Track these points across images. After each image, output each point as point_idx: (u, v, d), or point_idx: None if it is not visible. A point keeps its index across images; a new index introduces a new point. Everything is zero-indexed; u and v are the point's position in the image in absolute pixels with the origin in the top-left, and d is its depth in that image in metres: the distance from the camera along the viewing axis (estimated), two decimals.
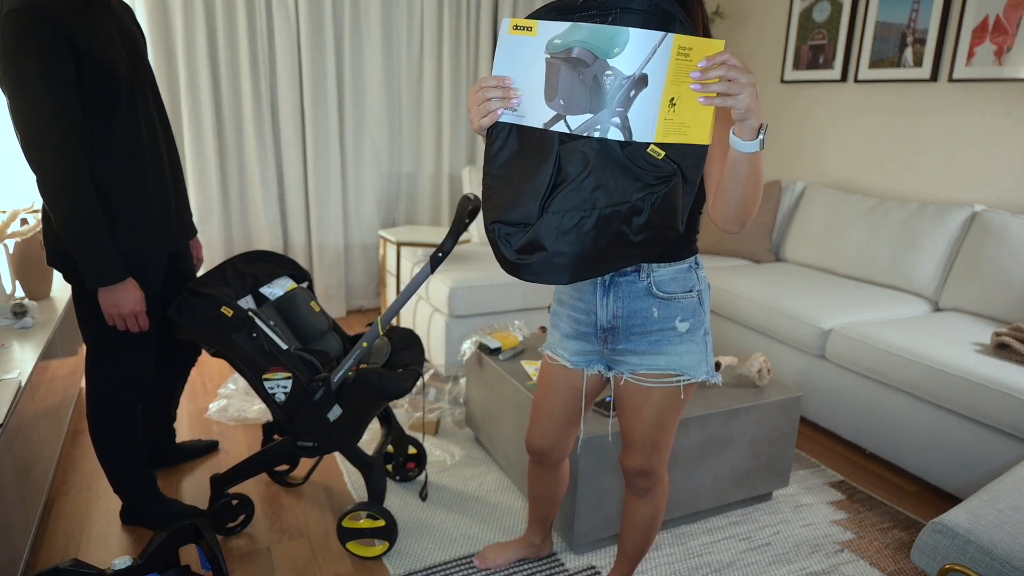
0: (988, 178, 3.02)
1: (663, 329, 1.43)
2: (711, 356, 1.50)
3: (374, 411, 1.98)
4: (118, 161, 1.73)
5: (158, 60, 3.41)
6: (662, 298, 1.42)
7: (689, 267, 1.44)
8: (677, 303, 1.43)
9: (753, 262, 3.69)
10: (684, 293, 1.43)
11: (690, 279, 1.44)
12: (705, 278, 1.49)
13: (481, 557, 1.97)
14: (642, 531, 1.68)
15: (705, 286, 1.48)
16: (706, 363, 1.48)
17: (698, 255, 1.47)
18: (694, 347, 1.45)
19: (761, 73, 4.12)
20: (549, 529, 1.98)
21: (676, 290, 1.43)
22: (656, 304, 1.43)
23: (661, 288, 1.42)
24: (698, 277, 1.45)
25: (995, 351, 2.38)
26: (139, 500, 2.04)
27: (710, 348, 1.49)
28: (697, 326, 1.45)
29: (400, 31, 3.90)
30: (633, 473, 1.60)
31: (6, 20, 1.52)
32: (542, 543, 1.99)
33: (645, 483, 1.60)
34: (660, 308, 1.43)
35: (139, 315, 1.79)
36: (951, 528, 1.44)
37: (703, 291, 1.46)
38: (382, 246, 3.77)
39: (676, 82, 1.11)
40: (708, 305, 1.49)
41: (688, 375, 1.45)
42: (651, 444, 1.54)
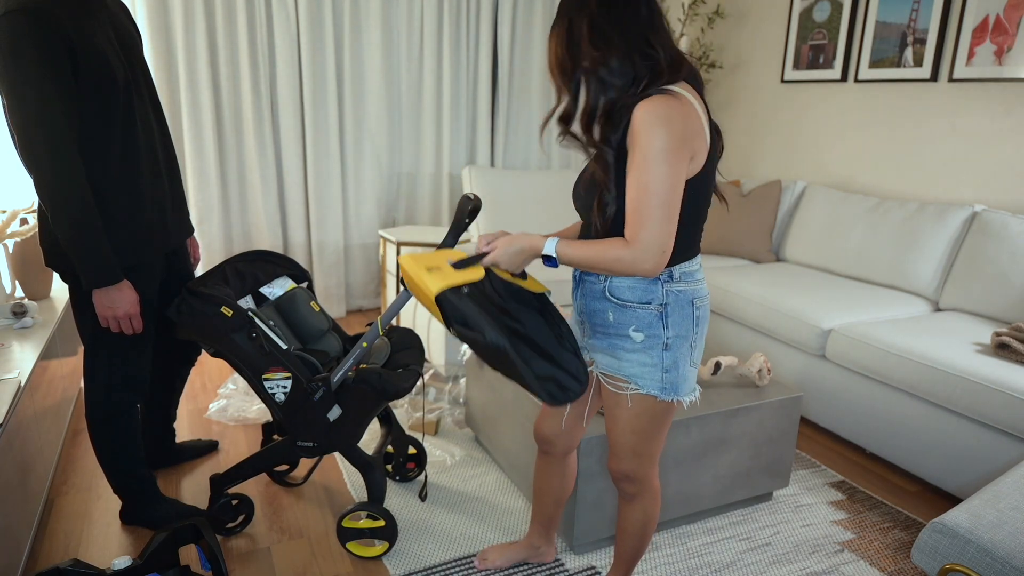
0: (988, 178, 3.02)
1: (619, 335, 1.44)
2: (679, 373, 1.44)
3: (374, 411, 1.97)
4: (114, 161, 1.72)
5: (158, 60, 3.41)
6: (617, 303, 1.43)
7: (655, 280, 1.40)
8: (632, 312, 1.41)
9: (753, 262, 3.69)
10: (641, 304, 1.41)
11: (651, 291, 1.40)
12: (686, 292, 1.42)
13: (481, 558, 1.96)
14: (633, 536, 1.67)
15: (679, 301, 1.40)
16: (662, 379, 1.43)
17: (675, 269, 1.41)
18: (647, 359, 1.42)
19: (761, 73, 4.12)
20: (552, 533, 1.96)
21: (632, 299, 1.41)
22: (611, 308, 1.44)
23: (615, 294, 1.43)
24: (666, 291, 1.40)
25: (995, 351, 2.38)
26: (139, 500, 2.04)
27: (679, 365, 1.43)
28: (654, 339, 1.41)
29: (400, 31, 3.90)
30: (616, 477, 1.60)
31: (4, 20, 1.52)
32: (545, 547, 1.97)
33: (629, 488, 1.60)
34: (615, 313, 1.43)
35: (133, 317, 1.78)
36: (951, 528, 1.44)
37: (671, 305, 1.40)
38: (382, 246, 3.77)
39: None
40: (685, 320, 1.42)
41: (636, 385, 1.44)
42: (631, 449, 1.53)
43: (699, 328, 1.46)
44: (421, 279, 1.47)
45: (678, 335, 1.42)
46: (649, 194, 1.25)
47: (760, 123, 4.16)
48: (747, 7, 4.17)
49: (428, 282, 1.45)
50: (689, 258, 1.43)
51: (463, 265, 1.48)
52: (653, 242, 1.27)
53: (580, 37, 1.30)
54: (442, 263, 1.51)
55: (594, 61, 1.30)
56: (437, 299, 1.44)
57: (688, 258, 1.43)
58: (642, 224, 1.27)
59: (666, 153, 1.24)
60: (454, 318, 1.44)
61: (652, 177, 1.25)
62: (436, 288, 1.43)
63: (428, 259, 1.53)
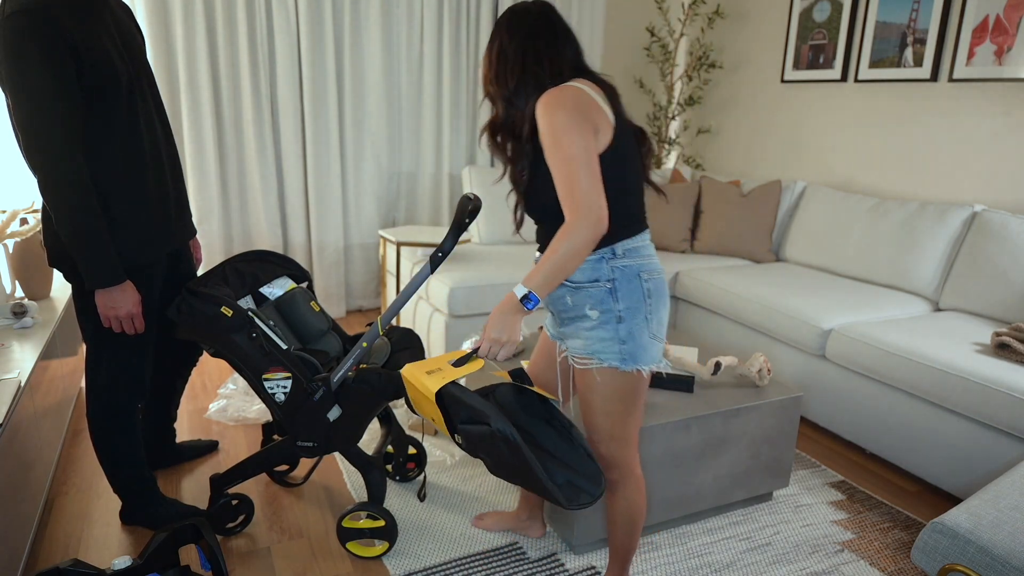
0: (988, 178, 3.02)
1: (578, 316, 1.54)
2: (636, 344, 1.51)
3: (374, 411, 1.97)
4: (117, 162, 1.72)
5: (158, 60, 3.41)
6: (571, 287, 1.53)
7: (600, 258, 1.50)
8: (586, 292, 1.51)
9: (753, 262, 3.69)
10: (591, 283, 1.50)
11: (599, 270, 1.50)
12: (632, 266, 1.51)
13: (478, 517, 2.14)
14: (621, 527, 1.70)
15: (625, 275, 1.50)
16: (619, 351, 1.50)
17: (618, 246, 1.50)
18: (604, 334, 1.51)
19: (761, 73, 4.12)
20: (538, 510, 2.05)
21: (582, 280, 1.51)
22: (568, 292, 1.53)
23: (569, 278, 1.51)
24: (611, 268, 1.50)
25: (995, 351, 2.38)
26: (139, 500, 2.04)
27: (635, 336, 1.50)
28: (608, 314, 1.50)
29: (400, 31, 3.90)
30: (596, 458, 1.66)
31: (8, 22, 1.52)
32: (529, 521, 2.06)
33: (610, 475, 1.65)
34: (572, 296, 1.53)
35: (135, 317, 1.79)
36: (951, 528, 1.44)
37: (619, 280, 1.50)
38: (382, 246, 3.76)
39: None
40: (635, 293, 1.50)
41: (598, 359, 1.52)
42: (607, 434, 1.59)
43: (652, 300, 1.53)
44: (421, 383, 1.46)
45: (629, 307, 1.50)
46: (568, 163, 1.37)
47: (760, 123, 4.16)
48: (747, 7, 4.17)
49: (428, 383, 1.44)
50: (631, 235, 1.52)
51: (462, 362, 1.50)
52: (586, 201, 1.36)
53: (493, 60, 1.51)
54: (442, 364, 1.51)
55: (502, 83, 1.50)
56: (438, 394, 1.43)
57: (630, 235, 1.52)
58: (571, 190, 1.37)
59: (569, 125, 1.37)
60: (458, 413, 1.43)
61: (565, 148, 1.37)
62: (435, 386, 1.43)
63: (428, 364, 1.52)
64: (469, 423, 1.42)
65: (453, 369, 1.48)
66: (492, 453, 1.42)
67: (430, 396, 1.44)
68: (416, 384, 1.47)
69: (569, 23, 4.31)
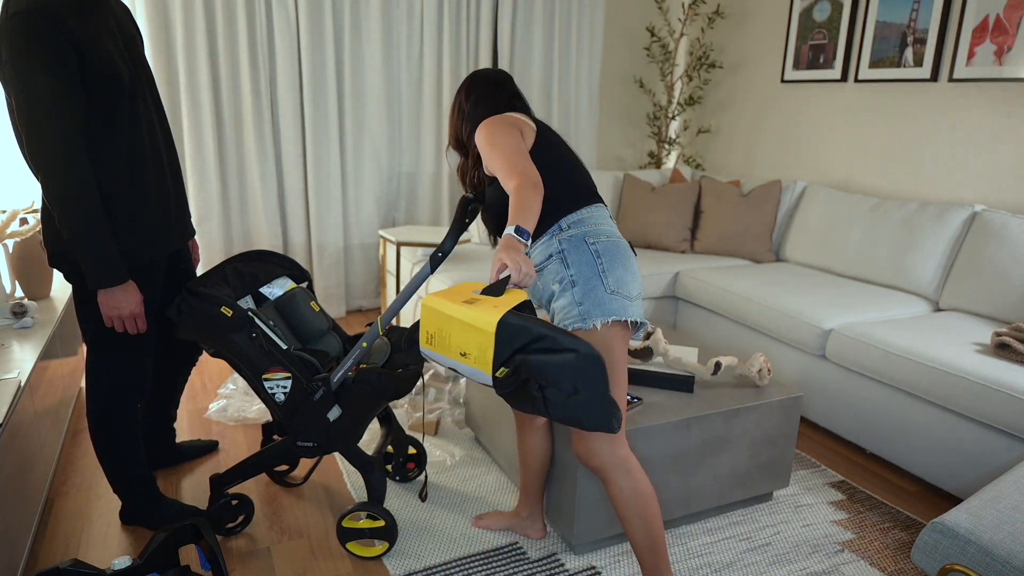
0: (988, 178, 3.02)
1: (548, 294, 1.69)
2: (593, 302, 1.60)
3: (374, 411, 1.97)
4: (119, 162, 1.73)
5: (158, 60, 3.41)
6: (537, 270, 1.69)
7: (550, 236, 1.66)
8: (546, 270, 1.68)
9: (753, 262, 3.69)
10: (547, 260, 1.67)
11: (550, 246, 1.66)
12: (577, 235, 1.64)
13: (478, 517, 2.14)
14: (629, 520, 1.64)
15: (572, 243, 1.63)
16: (577, 312, 1.61)
17: (563, 221, 1.66)
18: (565, 301, 1.64)
19: (761, 73, 4.12)
20: (537, 507, 2.06)
21: (541, 259, 1.68)
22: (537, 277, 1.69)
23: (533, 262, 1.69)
24: (559, 241, 1.65)
25: (995, 351, 2.38)
26: (139, 500, 2.04)
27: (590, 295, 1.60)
28: (565, 283, 1.63)
29: (400, 31, 3.90)
30: (580, 455, 1.68)
31: (11, 22, 1.52)
32: (529, 520, 2.07)
33: (594, 461, 1.65)
34: (540, 278, 1.70)
35: (138, 317, 1.79)
36: (951, 528, 1.44)
37: (567, 249, 1.63)
38: (382, 246, 3.76)
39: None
40: (584, 256, 1.62)
41: (564, 325, 1.64)
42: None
43: (604, 260, 1.63)
44: (468, 314, 1.32)
45: (580, 271, 1.62)
46: (502, 154, 1.60)
47: (760, 123, 4.16)
48: (747, 7, 4.17)
49: (478, 314, 1.31)
50: (575, 209, 1.68)
51: (497, 291, 1.39)
52: (521, 169, 1.57)
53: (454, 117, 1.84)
54: (470, 294, 1.40)
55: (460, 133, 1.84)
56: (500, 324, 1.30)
57: (573, 210, 1.68)
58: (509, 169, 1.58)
59: (497, 130, 1.64)
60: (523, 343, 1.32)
61: (498, 145, 1.62)
62: (494, 317, 1.30)
63: (453, 294, 1.40)
64: (540, 352, 1.33)
65: (495, 298, 1.37)
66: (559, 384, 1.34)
67: (487, 328, 1.31)
68: (457, 315, 1.33)
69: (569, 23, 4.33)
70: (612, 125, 4.71)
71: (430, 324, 1.40)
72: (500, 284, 1.41)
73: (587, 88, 4.45)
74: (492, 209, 1.79)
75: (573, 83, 4.38)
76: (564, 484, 1.99)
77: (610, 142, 4.75)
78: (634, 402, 2.07)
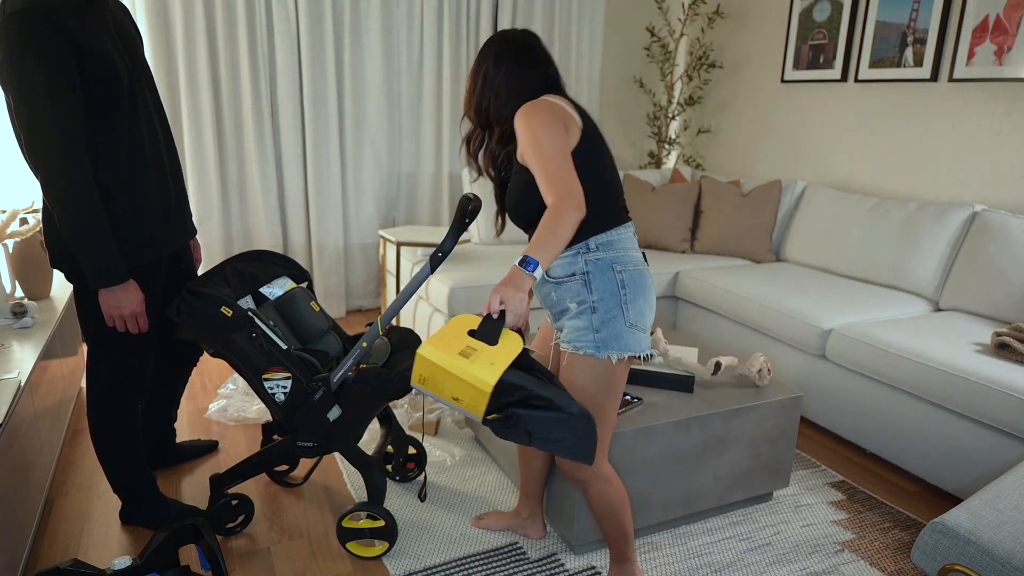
0: (988, 178, 3.02)
1: (562, 309, 1.64)
2: (611, 332, 1.56)
3: (374, 411, 1.97)
4: (119, 162, 1.73)
5: (158, 60, 3.41)
6: (554, 282, 1.62)
7: (575, 253, 1.58)
8: (566, 286, 1.61)
9: (753, 262, 3.69)
10: (568, 276, 1.60)
11: (574, 264, 1.59)
12: (605, 259, 1.58)
13: (478, 517, 2.14)
14: (605, 520, 1.74)
15: (598, 267, 1.57)
16: (594, 339, 1.57)
17: (591, 240, 1.58)
18: (581, 323, 1.59)
19: (761, 73, 4.12)
20: (537, 508, 2.06)
21: (561, 275, 1.61)
22: (552, 287, 1.63)
23: (551, 274, 1.62)
24: (585, 261, 1.58)
25: (995, 351, 2.38)
26: (139, 500, 2.04)
27: (609, 324, 1.56)
28: (584, 305, 1.58)
29: (400, 31, 3.90)
30: (563, 469, 1.70)
31: (9, 22, 1.52)
32: (530, 519, 2.08)
33: (577, 474, 1.68)
34: (555, 291, 1.63)
35: (139, 316, 1.79)
36: (951, 528, 1.44)
37: (592, 272, 1.57)
38: (382, 246, 3.76)
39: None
40: (609, 284, 1.56)
41: (573, 347, 1.60)
42: None
43: (628, 290, 1.58)
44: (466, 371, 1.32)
45: (603, 298, 1.57)
46: (546, 158, 1.49)
47: (760, 123, 4.16)
48: (747, 7, 4.17)
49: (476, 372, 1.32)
50: (605, 229, 1.59)
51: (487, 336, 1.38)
52: (565, 187, 1.47)
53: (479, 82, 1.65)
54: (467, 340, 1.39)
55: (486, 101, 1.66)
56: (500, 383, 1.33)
57: (604, 229, 1.59)
58: (552, 180, 1.48)
59: (544, 126, 1.51)
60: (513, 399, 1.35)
61: (543, 146, 1.50)
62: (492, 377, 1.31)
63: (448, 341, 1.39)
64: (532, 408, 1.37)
65: (492, 349, 1.37)
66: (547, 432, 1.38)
67: (484, 388, 1.32)
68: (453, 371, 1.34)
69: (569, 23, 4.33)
70: (612, 125, 4.71)
71: (424, 370, 1.40)
72: (496, 326, 1.40)
73: (587, 88, 4.45)
74: (513, 197, 1.65)
75: (573, 83, 4.39)
76: (564, 485, 1.99)
77: (610, 142, 4.75)
78: (634, 402, 2.07)
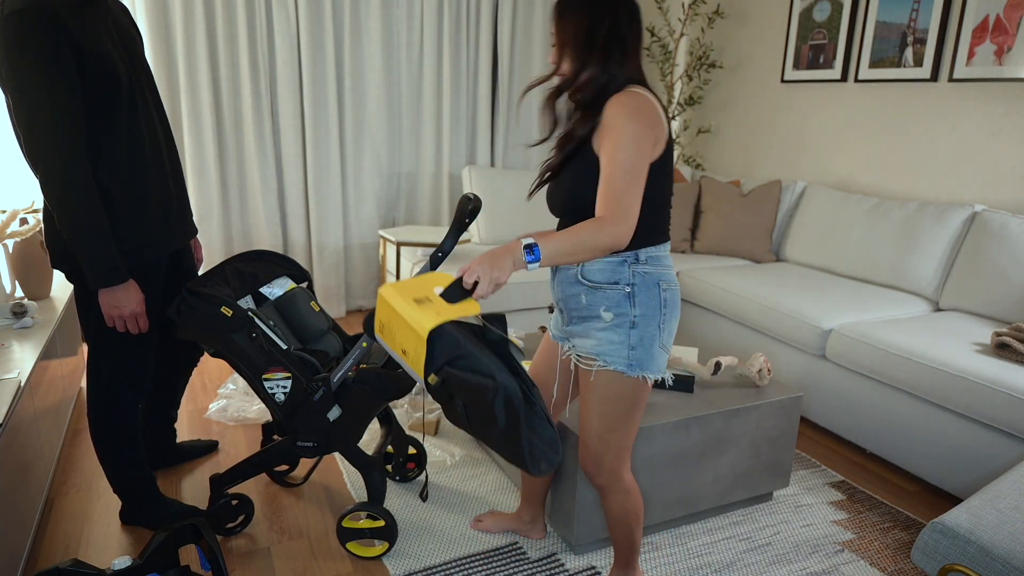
0: (988, 178, 3.02)
1: (591, 316, 1.54)
2: (646, 351, 1.51)
3: (374, 411, 1.97)
4: (119, 161, 1.72)
5: (158, 60, 3.41)
6: (588, 286, 1.53)
7: (622, 261, 1.51)
8: (603, 292, 1.52)
9: (753, 262, 3.69)
10: (610, 284, 1.51)
11: (620, 272, 1.51)
12: (653, 274, 1.52)
13: (477, 519, 2.12)
14: (618, 527, 1.72)
15: (645, 282, 1.51)
16: (628, 356, 1.51)
17: (641, 252, 1.51)
18: (615, 337, 1.51)
19: (761, 73, 4.12)
20: (540, 510, 2.05)
21: (601, 280, 1.52)
22: (584, 291, 1.54)
23: (587, 277, 1.53)
24: (633, 272, 1.50)
25: (995, 351, 2.38)
26: (139, 500, 2.04)
27: (645, 343, 1.51)
28: (623, 318, 1.51)
29: (400, 31, 3.90)
30: (585, 469, 1.66)
31: (8, 21, 1.52)
32: (532, 523, 2.06)
33: (598, 479, 1.65)
34: (587, 295, 1.53)
35: (139, 316, 1.79)
36: (951, 528, 1.44)
37: (638, 286, 1.50)
38: (382, 246, 3.76)
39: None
40: (652, 301, 1.51)
41: (604, 361, 1.52)
42: (597, 436, 1.60)
43: (667, 311, 1.53)
44: (409, 313, 1.29)
45: (645, 314, 1.51)
46: (623, 171, 1.40)
47: (760, 123, 4.16)
48: (747, 7, 4.17)
49: (418, 316, 1.28)
50: (656, 243, 1.53)
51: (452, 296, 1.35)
52: (624, 210, 1.39)
53: (602, 28, 1.45)
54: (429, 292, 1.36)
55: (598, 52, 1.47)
56: (433, 332, 1.29)
57: (655, 243, 1.53)
58: (616, 195, 1.39)
59: (638, 136, 1.41)
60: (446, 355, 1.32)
61: (627, 157, 1.40)
62: (430, 323, 1.27)
63: (411, 287, 1.37)
64: (462, 369, 1.33)
65: (446, 305, 1.33)
66: (476, 405, 1.34)
67: (421, 332, 1.29)
68: (401, 312, 1.31)
69: None
70: None
71: (382, 313, 1.39)
72: (460, 291, 1.37)
73: None
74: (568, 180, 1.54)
75: None
76: (564, 485, 1.99)
77: None
78: None
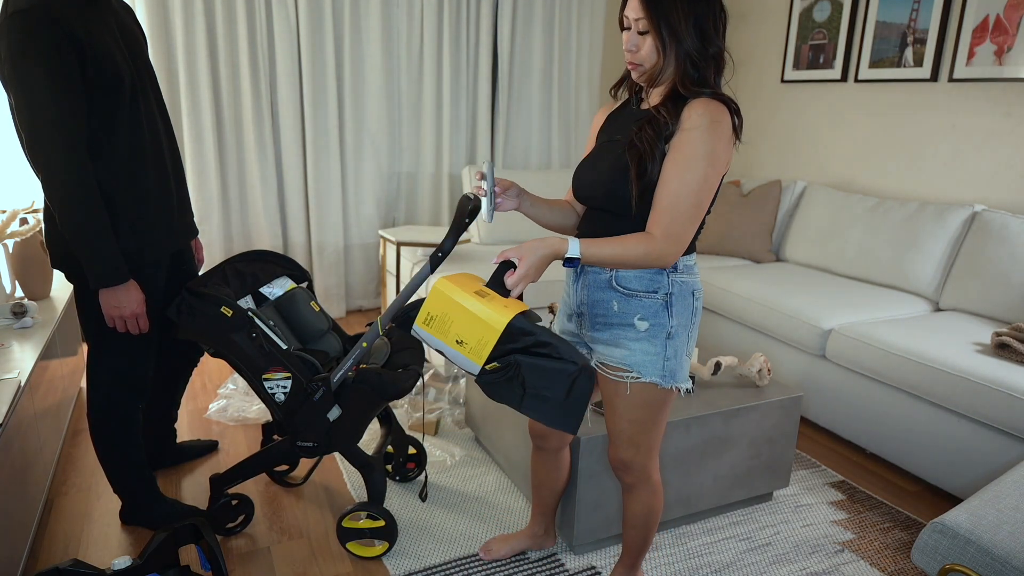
0: (988, 178, 3.02)
1: (623, 324, 1.48)
2: (678, 362, 1.49)
3: (374, 411, 1.98)
4: (121, 161, 1.72)
5: (158, 60, 3.41)
6: (623, 293, 1.47)
7: (661, 269, 1.45)
8: (638, 300, 1.47)
9: (753, 262, 3.69)
10: (647, 292, 1.46)
11: (657, 280, 1.46)
12: (688, 283, 1.49)
13: (485, 549, 2.00)
14: (635, 527, 1.71)
15: (681, 291, 1.47)
16: (663, 367, 1.48)
17: (682, 259, 1.47)
18: (650, 347, 1.47)
19: (761, 73, 4.12)
20: (552, 521, 2.01)
21: (638, 288, 1.46)
22: (616, 298, 1.48)
23: (621, 283, 1.47)
24: (671, 281, 1.46)
25: (995, 351, 2.38)
26: (139, 500, 2.04)
27: (679, 354, 1.49)
28: (659, 328, 1.46)
29: (400, 31, 3.90)
30: (614, 466, 1.65)
31: (11, 21, 1.52)
32: (544, 535, 2.02)
33: (627, 477, 1.64)
34: (620, 302, 1.48)
35: (139, 317, 1.79)
36: (951, 528, 1.44)
37: (676, 295, 1.46)
38: (382, 246, 3.76)
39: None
40: (686, 311, 1.48)
41: (638, 373, 1.48)
42: (628, 439, 1.58)
43: (695, 319, 1.52)
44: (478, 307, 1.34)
45: (680, 324, 1.48)
46: (692, 191, 1.35)
47: (760, 123, 4.16)
48: (747, 7, 4.17)
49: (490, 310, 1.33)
50: (690, 252, 1.50)
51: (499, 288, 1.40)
52: (679, 233, 1.37)
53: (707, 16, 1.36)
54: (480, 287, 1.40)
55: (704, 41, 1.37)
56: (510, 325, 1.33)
57: (689, 252, 1.50)
58: (675, 215, 1.36)
59: (716, 158, 1.35)
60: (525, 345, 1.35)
61: (700, 177, 1.35)
62: (505, 316, 1.32)
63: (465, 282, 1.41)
64: (537, 356, 1.36)
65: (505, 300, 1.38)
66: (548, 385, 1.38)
67: (495, 324, 1.33)
68: (468, 305, 1.35)
69: (569, 23, 4.33)
70: None
71: (435, 306, 1.39)
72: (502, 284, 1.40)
73: (587, 88, 4.45)
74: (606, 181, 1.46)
75: (573, 83, 4.38)
76: None
77: None
78: None
